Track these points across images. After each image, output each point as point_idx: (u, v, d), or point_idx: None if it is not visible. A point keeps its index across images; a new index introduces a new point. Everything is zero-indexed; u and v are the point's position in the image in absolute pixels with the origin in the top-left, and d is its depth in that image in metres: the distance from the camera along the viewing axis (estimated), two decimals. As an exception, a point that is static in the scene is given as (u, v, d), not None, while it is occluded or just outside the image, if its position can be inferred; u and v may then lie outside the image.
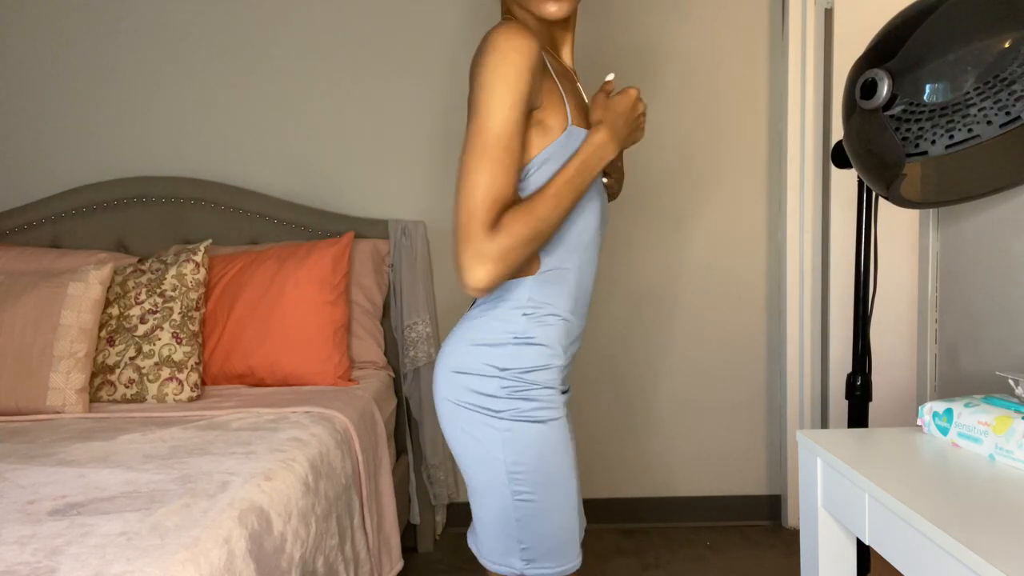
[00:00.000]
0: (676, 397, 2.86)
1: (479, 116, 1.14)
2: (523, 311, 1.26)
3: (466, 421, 1.27)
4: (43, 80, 2.80)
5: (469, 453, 1.28)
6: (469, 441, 1.27)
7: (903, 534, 1.03)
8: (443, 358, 1.30)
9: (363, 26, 2.74)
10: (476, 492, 1.31)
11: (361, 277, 2.58)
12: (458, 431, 1.28)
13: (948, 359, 1.90)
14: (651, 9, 2.73)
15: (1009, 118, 1.24)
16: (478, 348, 1.27)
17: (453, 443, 1.31)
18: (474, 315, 1.30)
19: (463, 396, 1.26)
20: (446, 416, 1.30)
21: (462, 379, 1.27)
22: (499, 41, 1.13)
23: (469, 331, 1.28)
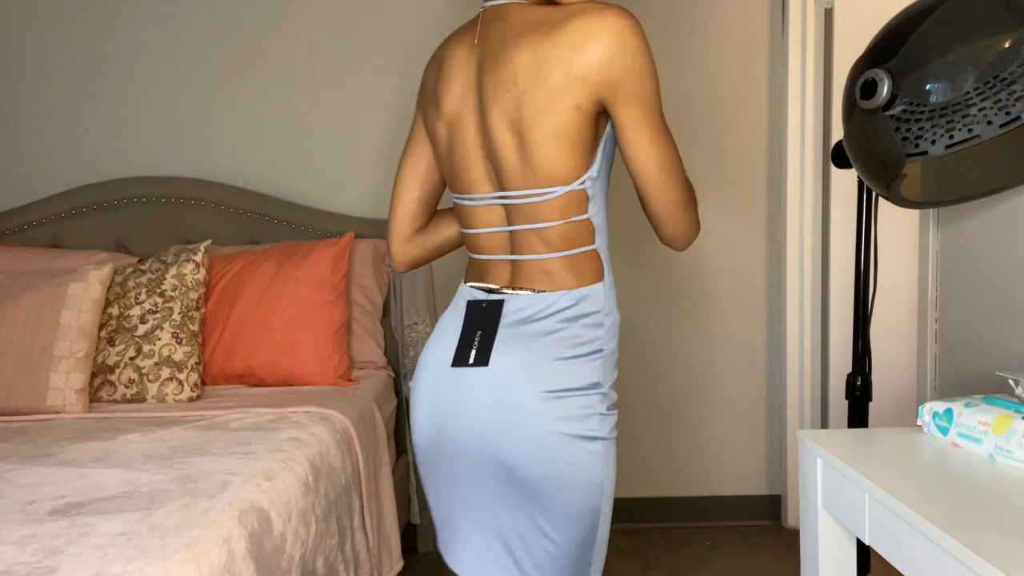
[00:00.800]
0: (676, 397, 2.86)
1: (658, 99, 1.19)
2: (599, 321, 1.23)
3: (563, 449, 1.18)
4: (43, 80, 2.80)
5: (565, 485, 1.19)
6: (568, 471, 1.19)
7: (903, 534, 1.03)
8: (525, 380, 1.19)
9: (364, 27, 2.74)
10: (559, 522, 1.21)
11: (361, 277, 2.58)
12: (555, 462, 1.18)
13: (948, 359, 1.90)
14: (651, 9, 2.73)
15: (1009, 118, 1.24)
16: (571, 364, 1.20)
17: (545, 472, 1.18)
18: (547, 328, 1.20)
19: (564, 424, 1.18)
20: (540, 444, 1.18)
21: (562, 403, 1.18)
22: (636, 25, 1.16)
23: (551, 348, 1.19)
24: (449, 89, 1.27)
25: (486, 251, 1.30)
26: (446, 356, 1.27)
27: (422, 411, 1.31)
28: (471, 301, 1.28)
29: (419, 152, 1.38)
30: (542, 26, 1.16)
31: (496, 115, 1.20)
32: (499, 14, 1.23)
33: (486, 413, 1.21)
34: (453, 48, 1.28)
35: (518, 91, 1.17)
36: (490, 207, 1.27)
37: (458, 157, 1.28)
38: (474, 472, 1.25)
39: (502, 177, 1.23)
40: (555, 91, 1.15)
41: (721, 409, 2.85)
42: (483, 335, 1.23)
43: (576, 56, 1.14)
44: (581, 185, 1.21)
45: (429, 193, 1.40)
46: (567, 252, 1.23)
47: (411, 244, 1.42)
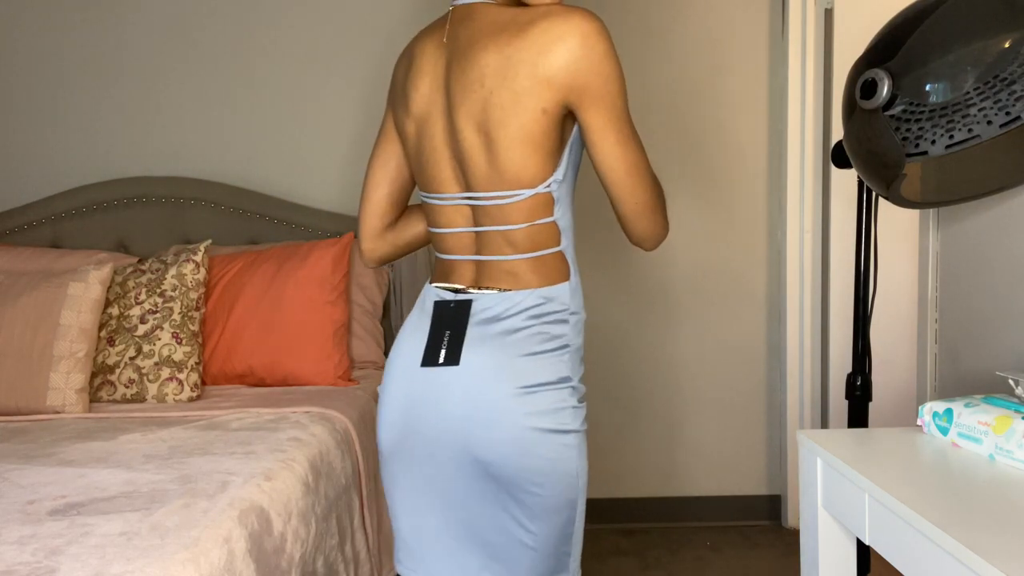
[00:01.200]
0: (676, 397, 2.86)
1: (624, 102, 1.19)
2: (564, 318, 1.25)
3: (539, 444, 1.20)
4: (43, 80, 2.80)
5: (543, 478, 1.21)
6: (542, 465, 1.20)
7: (903, 534, 1.03)
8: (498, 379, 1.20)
9: (364, 27, 2.74)
10: (537, 515, 1.21)
11: (361, 277, 2.58)
12: (531, 456, 1.19)
13: (948, 359, 1.90)
14: (650, 9, 2.73)
15: (1009, 118, 1.24)
16: (540, 359, 1.21)
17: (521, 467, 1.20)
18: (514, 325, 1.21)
19: (538, 419, 1.19)
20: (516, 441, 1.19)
21: (534, 398, 1.20)
22: (603, 28, 1.17)
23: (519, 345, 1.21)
24: (418, 87, 1.27)
25: (452, 251, 1.30)
26: (415, 356, 1.27)
27: (393, 411, 1.30)
28: (438, 301, 1.28)
29: (389, 149, 1.39)
30: (510, 27, 1.17)
31: (463, 116, 1.20)
32: (468, 13, 1.23)
33: (460, 411, 1.22)
34: (423, 46, 1.28)
35: (485, 92, 1.17)
36: (457, 207, 1.28)
37: (426, 156, 1.28)
38: (449, 471, 1.25)
39: (469, 178, 1.24)
40: (521, 93, 1.15)
41: (721, 409, 2.85)
42: (452, 335, 1.24)
43: (542, 59, 1.14)
44: (547, 188, 1.21)
45: (399, 190, 1.41)
46: (532, 254, 1.24)
47: (381, 240, 1.43)
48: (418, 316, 1.32)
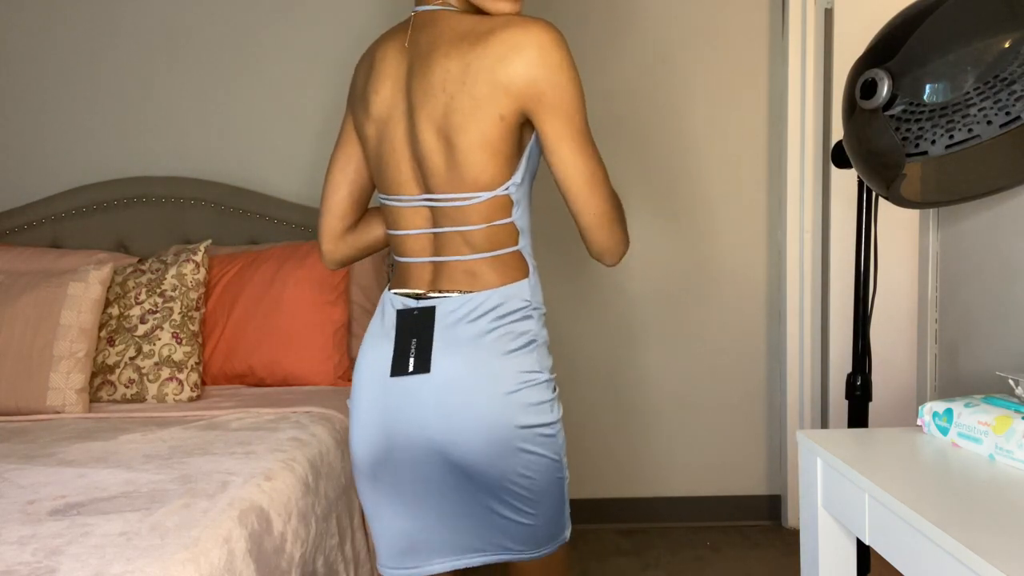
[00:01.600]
0: (676, 397, 2.86)
1: (581, 112, 1.20)
2: (528, 314, 1.27)
3: (524, 440, 1.23)
4: (43, 80, 2.80)
5: (530, 469, 1.25)
6: (528, 459, 1.24)
7: (903, 534, 1.03)
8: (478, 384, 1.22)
9: (363, 27, 2.74)
10: (530, 503, 1.26)
11: (361, 277, 2.58)
12: (516, 453, 1.23)
13: (948, 359, 1.90)
14: (651, 9, 2.73)
15: (1009, 118, 1.24)
16: (513, 358, 1.23)
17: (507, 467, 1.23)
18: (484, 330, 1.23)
19: (523, 416, 1.23)
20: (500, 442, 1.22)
21: (517, 397, 1.23)
22: (560, 39, 1.18)
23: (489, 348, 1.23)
24: (378, 91, 1.29)
25: (411, 253, 1.32)
26: (382, 366, 1.28)
27: (367, 425, 1.30)
28: (401, 310, 1.29)
29: (349, 151, 1.40)
30: (470, 35, 1.19)
31: (424, 120, 1.22)
32: (430, 19, 1.25)
33: (438, 420, 1.24)
34: (385, 50, 1.30)
35: (446, 97, 1.20)
36: (416, 209, 1.29)
37: (386, 158, 1.30)
38: (434, 474, 1.27)
39: (429, 180, 1.26)
40: (480, 100, 1.18)
41: (721, 409, 2.85)
42: (419, 342, 1.25)
43: (500, 67, 1.17)
44: (505, 191, 1.24)
45: (359, 192, 1.42)
46: (491, 253, 1.26)
47: (341, 242, 1.44)
48: (379, 324, 1.32)
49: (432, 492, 1.29)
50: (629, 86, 2.74)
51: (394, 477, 1.30)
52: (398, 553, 1.34)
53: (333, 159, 1.41)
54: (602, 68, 2.70)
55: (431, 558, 1.33)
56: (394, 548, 1.34)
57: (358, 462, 1.33)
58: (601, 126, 2.62)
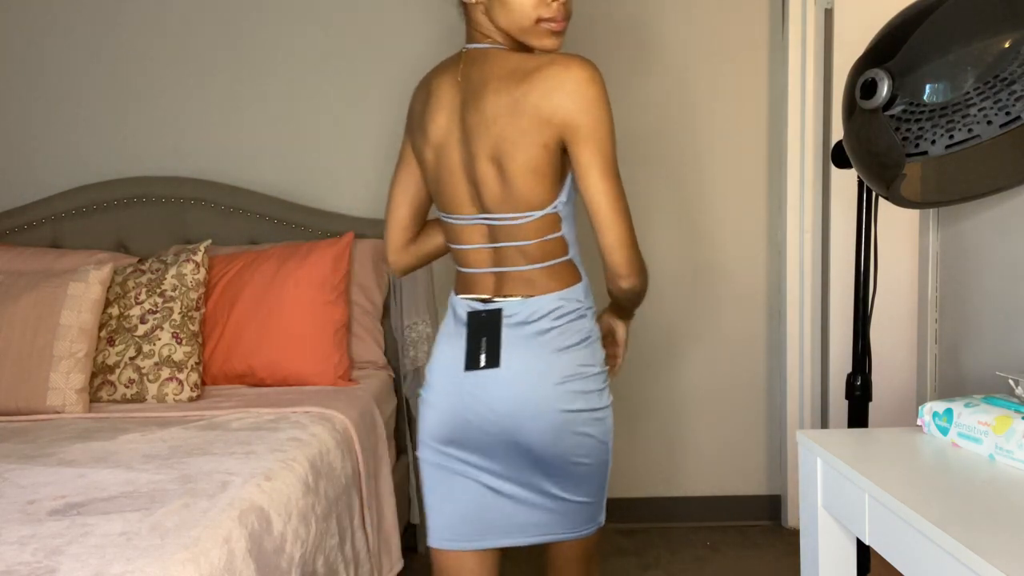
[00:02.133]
0: (676, 397, 2.86)
1: (611, 143, 1.34)
2: (583, 314, 1.42)
3: (577, 423, 1.39)
4: (44, 80, 2.80)
5: (584, 451, 1.41)
6: (581, 440, 1.40)
7: (903, 534, 1.03)
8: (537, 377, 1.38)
9: (363, 27, 2.74)
10: (580, 480, 1.42)
11: (361, 277, 2.58)
12: (571, 435, 1.39)
13: (948, 359, 1.91)
14: (651, 9, 2.73)
15: (1009, 118, 1.24)
16: (569, 353, 1.39)
17: (564, 448, 1.39)
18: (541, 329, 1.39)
19: (572, 402, 1.38)
20: (557, 426, 1.38)
21: (568, 386, 1.38)
22: (596, 76, 1.34)
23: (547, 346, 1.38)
24: (435, 120, 1.43)
25: (473, 265, 1.46)
26: (456, 361, 1.43)
27: (442, 411, 1.45)
28: (471, 312, 1.44)
29: (408, 173, 1.55)
30: (517, 72, 1.34)
31: (478, 148, 1.37)
32: (481, 56, 1.39)
33: (506, 407, 1.39)
34: (439, 82, 1.44)
35: (497, 129, 1.34)
36: (475, 226, 1.44)
37: (444, 181, 1.44)
38: (500, 452, 1.42)
39: (485, 201, 1.40)
40: (526, 131, 1.33)
41: (721, 409, 2.85)
42: (489, 340, 1.40)
43: (544, 102, 1.31)
44: (553, 209, 1.39)
45: (418, 208, 1.58)
46: (545, 264, 1.41)
47: (405, 253, 1.61)
48: (453, 325, 1.48)
49: (498, 470, 1.43)
50: (629, 86, 2.74)
51: (464, 453, 1.44)
52: (451, 527, 1.47)
53: (395, 179, 1.57)
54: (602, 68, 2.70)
55: (486, 534, 1.46)
56: (448, 521, 1.48)
57: (431, 436, 1.47)
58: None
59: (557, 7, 1.34)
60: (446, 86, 1.42)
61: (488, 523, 1.46)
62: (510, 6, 1.34)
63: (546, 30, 1.35)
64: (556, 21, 1.35)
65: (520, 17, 1.34)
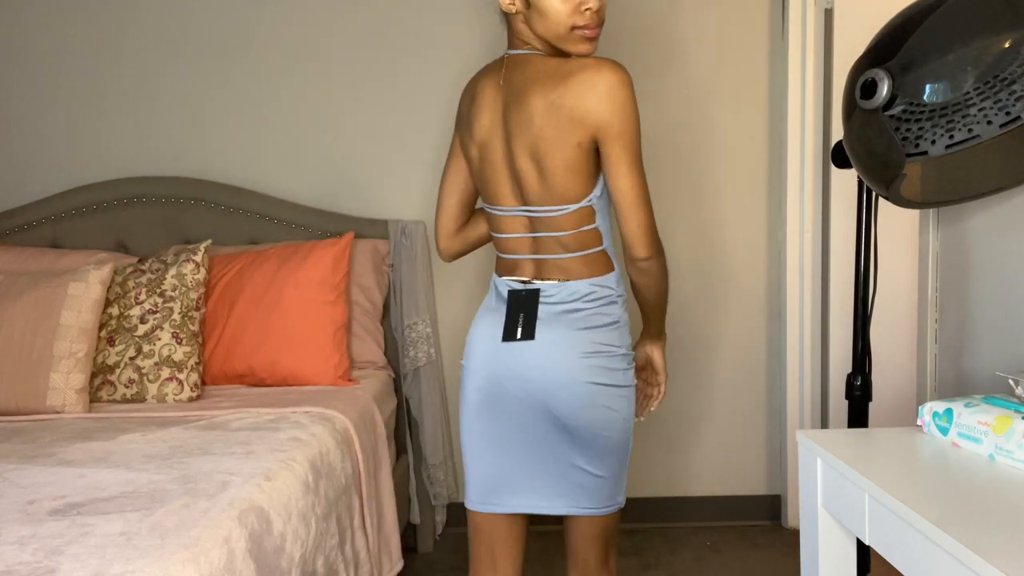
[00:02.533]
0: (676, 397, 2.85)
1: (638, 141, 1.46)
2: (613, 300, 1.53)
3: (602, 396, 1.49)
4: (43, 80, 2.80)
5: (607, 424, 1.51)
6: (606, 414, 1.50)
7: (903, 534, 1.03)
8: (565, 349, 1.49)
9: (363, 27, 2.74)
10: (604, 454, 1.52)
11: (361, 277, 2.58)
12: (597, 407, 1.49)
13: (948, 359, 1.91)
14: (650, 9, 2.73)
15: (1009, 118, 1.24)
16: (595, 332, 1.50)
17: (590, 418, 1.49)
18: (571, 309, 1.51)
19: (598, 376, 1.49)
20: (583, 396, 1.48)
21: (593, 360, 1.49)
22: (626, 79, 1.44)
23: (576, 325, 1.50)
24: (479, 119, 1.55)
25: (514, 252, 1.57)
26: (495, 333, 1.55)
27: (480, 377, 1.56)
28: (512, 290, 1.55)
29: (458, 166, 1.67)
30: (554, 76, 1.45)
31: (518, 146, 1.48)
32: (521, 61, 1.51)
33: (538, 375, 1.50)
34: (484, 85, 1.56)
35: (535, 129, 1.45)
36: (516, 217, 1.55)
37: (488, 175, 1.56)
38: (530, 420, 1.53)
39: (525, 194, 1.51)
40: (562, 131, 1.44)
41: (721, 409, 2.85)
42: (526, 316, 1.52)
43: (578, 103, 1.42)
44: (588, 202, 1.49)
45: (467, 198, 1.70)
46: (581, 253, 1.52)
47: (454, 239, 1.73)
48: (494, 301, 1.59)
49: (527, 437, 1.53)
50: (629, 86, 2.74)
51: (498, 418, 1.55)
52: (485, 490, 1.58)
53: (446, 171, 1.70)
54: (602, 68, 2.70)
55: (511, 498, 1.56)
56: (483, 485, 1.58)
57: (470, 401, 1.58)
58: (601, 126, 2.63)
59: (590, 15, 1.45)
60: (489, 88, 1.54)
61: (516, 488, 1.56)
62: (547, 15, 1.45)
63: (580, 36, 1.46)
64: (590, 28, 1.46)
65: (556, 25, 1.45)
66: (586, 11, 1.44)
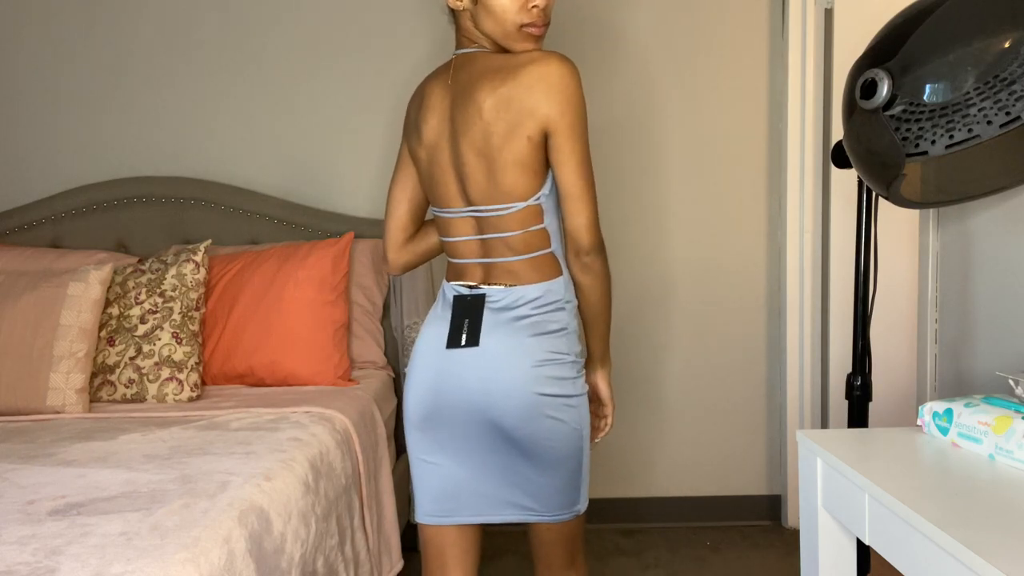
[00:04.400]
0: (676, 397, 2.86)
1: (586, 133, 1.44)
2: (561, 306, 1.49)
3: (549, 407, 1.45)
4: (43, 80, 2.80)
5: (553, 434, 1.46)
6: (552, 424, 1.46)
7: (903, 534, 1.03)
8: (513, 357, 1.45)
9: (362, 27, 2.74)
10: (551, 465, 1.47)
11: (361, 277, 2.58)
12: (542, 418, 1.45)
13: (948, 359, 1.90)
14: (651, 9, 2.73)
15: (1009, 118, 1.24)
16: (544, 339, 1.47)
17: (535, 429, 1.45)
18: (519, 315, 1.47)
19: (546, 387, 1.45)
20: (529, 407, 1.44)
21: (542, 370, 1.45)
22: (574, 71, 1.42)
23: (524, 331, 1.46)
24: (427, 121, 1.52)
25: (462, 256, 1.54)
26: (439, 340, 1.51)
27: (421, 387, 1.52)
28: (457, 295, 1.52)
29: (406, 174, 1.63)
30: (501, 71, 1.43)
31: (466, 143, 1.45)
32: (468, 60, 1.48)
33: (480, 384, 1.47)
34: (432, 88, 1.53)
35: (483, 124, 1.42)
36: (464, 219, 1.51)
37: (436, 177, 1.53)
38: (473, 431, 1.49)
39: (472, 194, 1.48)
40: (512, 124, 1.41)
41: (721, 409, 2.85)
42: (471, 322, 1.49)
43: (528, 96, 1.40)
44: (536, 200, 1.46)
45: (416, 208, 1.66)
46: (528, 255, 1.48)
47: (404, 250, 1.69)
48: (441, 307, 1.56)
49: (471, 447, 1.49)
50: (629, 87, 2.74)
51: (439, 432, 1.51)
52: (434, 502, 1.55)
53: (394, 181, 1.65)
54: (602, 69, 2.70)
55: (461, 510, 1.53)
56: (431, 497, 1.55)
57: (411, 416, 1.54)
58: (601, 128, 2.63)
59: (537, 13, 1.43)
60: (437, 89, 1.52)
61: (464, 500, 1.52)
62: (494, 12, 1.43)
63: (527, 34, 1.44)
64: (536, 26, 1.44)
65: (503, 22, 1.43)
66: (533, 8, 1.42)
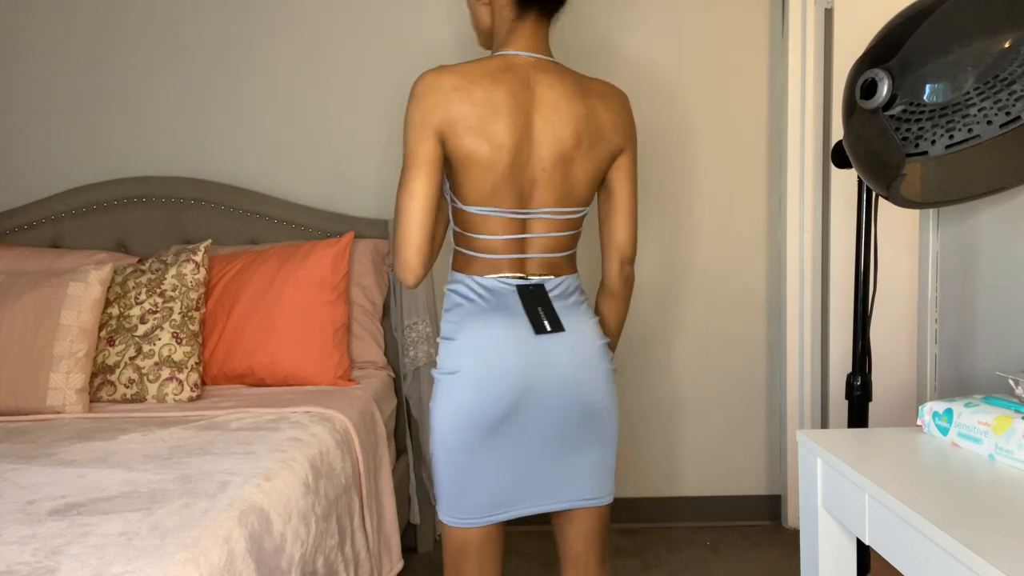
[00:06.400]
0: (676, 397, 2.86)
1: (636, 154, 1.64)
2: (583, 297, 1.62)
3: (612, 379, 1.59)
4: (43, 80, 2.80)
5: (615, 403, 1.60)
6: (615, 395, 1.60)
7: (903, 534, 1.03)
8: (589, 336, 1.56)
9: (362, 28, 2.75)
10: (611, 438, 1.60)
11: (361, 277, 2.58)
12: (612, 389, 1.59)
13: (948, 359, 1.90)
14: (651, 9, 2.73)
15: (1009, 118, 1.24)
16: (596, 321, 1.60)
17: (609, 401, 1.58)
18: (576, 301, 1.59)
19: (609, 362, 1.59)
20: (605, 380, 1.57)
21: (604, 346, 1.58)
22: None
23: (585, 313, 1.58)
24: (498, 123, 1.46)
25: (496, 252, 1.54)
26: (512, 330, 1.50)
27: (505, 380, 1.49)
28: (519, 286, 1.54)
29: (433, 181, 1.46)
30: (582, 90, 1.53)
31: (549, 150, 1.50)
32: (543, 67, 1.53)
33: (571, 368, 1.53)
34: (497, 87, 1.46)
35: (575, 135, 1.51)
36: (510, 218, 1.52)
37: (501, 177, 1.48)
38: (552, 417, 1.53)
39: (543, 196, 1.53)
40: (597, 141, 1.54)
41: (721, 409, 2.85)
42: (544, 309, 1.54)
43: (611, 116, 1.56)
44: (589, 208, 1.61)
45: (435, 212, 1.49)
46: (568, 252, 1.60)
47: (422, 269, 1.50)
48: (485, 302, 1.53)
49: (547, 435, 1.53)
50: (629, 86, 2.74)
51: (515, 425, 1.51)
52: (488, 502, 1.54)
53: (417, 187, 1.45)
54: (602, 69, 2.70)
55: (514, 504, 1.55)
56: (488, 503, 1.54)
57: (484, 417, 1.49)
58: (601, 126, 2.63)
59: None
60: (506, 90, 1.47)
61: (517, 495, 1.55)
62: None
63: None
64: None
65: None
66: None
